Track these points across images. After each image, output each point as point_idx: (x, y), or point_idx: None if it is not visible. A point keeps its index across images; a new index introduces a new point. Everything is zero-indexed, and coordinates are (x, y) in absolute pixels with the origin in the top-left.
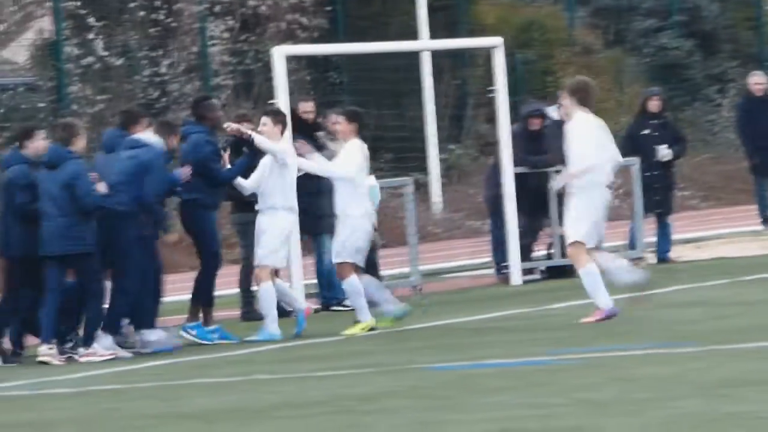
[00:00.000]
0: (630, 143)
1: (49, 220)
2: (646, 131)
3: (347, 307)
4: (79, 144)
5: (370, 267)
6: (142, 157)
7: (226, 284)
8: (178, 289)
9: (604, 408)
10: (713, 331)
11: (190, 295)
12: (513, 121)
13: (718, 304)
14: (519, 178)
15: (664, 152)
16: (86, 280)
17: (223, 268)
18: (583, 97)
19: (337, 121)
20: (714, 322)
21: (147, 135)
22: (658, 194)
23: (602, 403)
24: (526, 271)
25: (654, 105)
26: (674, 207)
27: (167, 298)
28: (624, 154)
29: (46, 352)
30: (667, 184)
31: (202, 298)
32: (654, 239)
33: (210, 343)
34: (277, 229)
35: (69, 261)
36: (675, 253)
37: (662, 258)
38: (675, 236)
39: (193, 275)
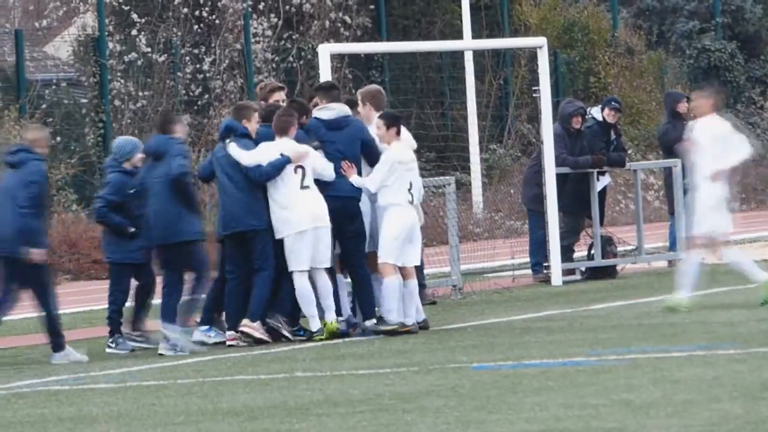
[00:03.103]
0: (665, 145)
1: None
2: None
3: None
4: (252, 126)
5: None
6: None
7: None
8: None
9: (646, 409)
10: (755, 334)
11: None
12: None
13: (760, 306)
14: (559, 178)
15: None
16: (259, 256)
17: None
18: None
19: (379, 126)
20: (756, 324)
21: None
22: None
23: (644, 405)
24: (567, 272)
25: (684, 107)
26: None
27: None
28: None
29: (249, 324)
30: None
31: None
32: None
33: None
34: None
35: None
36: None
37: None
38: None
39: None
